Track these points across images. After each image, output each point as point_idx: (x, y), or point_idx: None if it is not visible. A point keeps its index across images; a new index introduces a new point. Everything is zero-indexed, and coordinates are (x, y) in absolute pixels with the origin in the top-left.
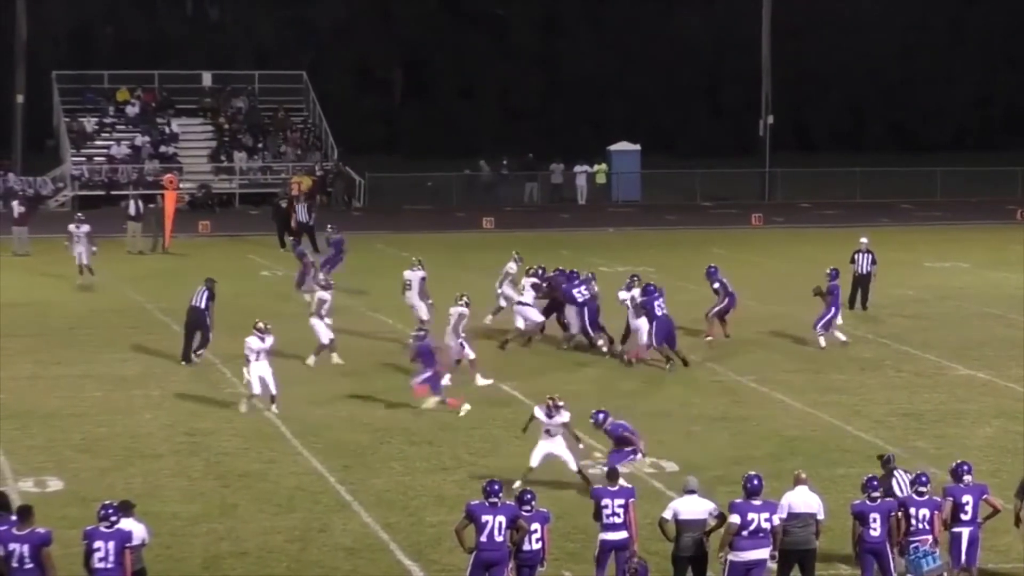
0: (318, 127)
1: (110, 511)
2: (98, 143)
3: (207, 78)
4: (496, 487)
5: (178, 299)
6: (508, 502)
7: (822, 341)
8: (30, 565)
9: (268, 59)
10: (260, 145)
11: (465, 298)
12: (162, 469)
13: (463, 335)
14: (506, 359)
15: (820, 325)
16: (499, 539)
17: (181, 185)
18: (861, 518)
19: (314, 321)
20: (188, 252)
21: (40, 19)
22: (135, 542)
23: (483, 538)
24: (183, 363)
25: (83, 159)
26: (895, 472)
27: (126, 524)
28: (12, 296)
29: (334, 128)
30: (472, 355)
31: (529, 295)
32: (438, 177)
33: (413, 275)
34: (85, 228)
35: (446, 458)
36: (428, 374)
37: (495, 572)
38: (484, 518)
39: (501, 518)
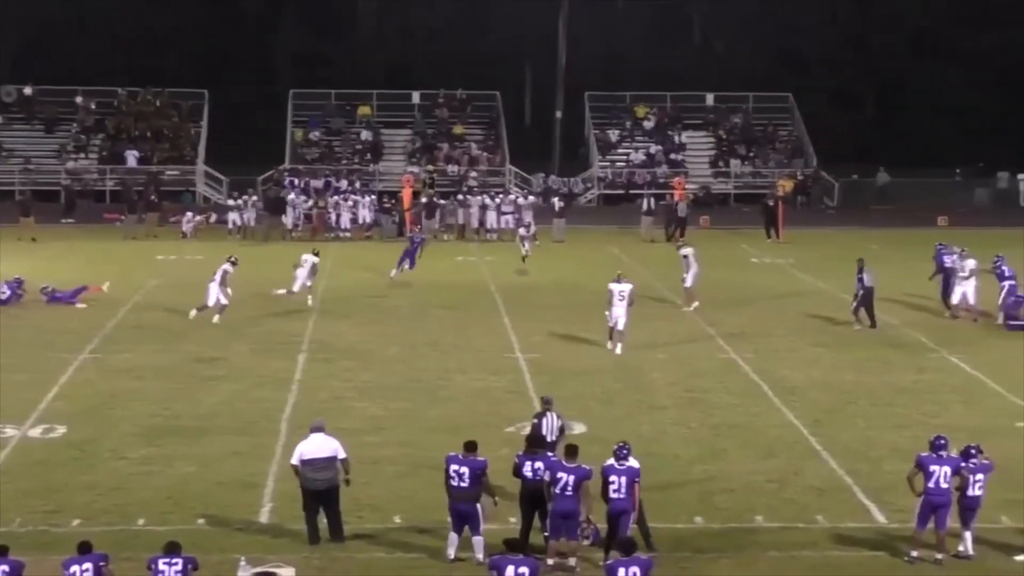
0: (800, 139)
1: (623, 451)
2: (620, 151)
3: (710, 99)
4: (942, 441)
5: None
6: (953, 455)
7: None
8: (570, 493)
9: (760, 82)
10: (752, 154)
11: (618, 274)
12: (666, 419)
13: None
14: (948, 331)
15: None
16: (944, 486)
17: (686, 186)
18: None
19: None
20: (693, 242)
21: (576, 50)
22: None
23: (931, 484)
24: (868, 328)
25: (607, 164)
26: (547, 413)
27: (633, 462)
28: (549, 276)
29: (814, 140)
30: (621, 327)
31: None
32: (903, 182)
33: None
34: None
35: (902, 417)
36: None
37: (940, 513)
38: (932, 468)
39: (946, 468)
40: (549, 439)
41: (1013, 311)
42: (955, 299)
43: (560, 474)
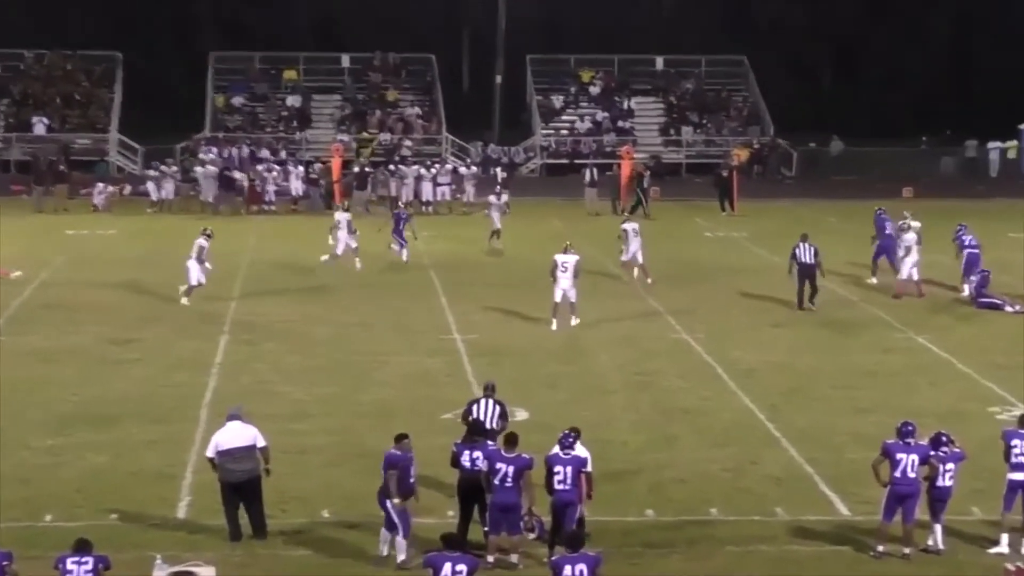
0: (756, 105)
1: (569, 439)
2: (564, 118)
3: (659, 62)
4: (910, 428)
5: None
6: (920, 443)
7: None
8: (510, 484)
9: (713, 45)
10: (704, 121)
11: (566, 244)
12: (614, 403)
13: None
14: (913, 309)
15: None
16: (912, 475)
17: (635, 155)
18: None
19: None
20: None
21: (517, 10)
22: (587, 468)
23: (897, 473)
24: (799, 309)
25: (551, 132)
26: (482, 400)
27: (579, 451)
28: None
29: (770, 107)
30: (573, 299)
31: None
32: (864, 151)
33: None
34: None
35: (865, 401)
36: None
37: (907, 505)
38: (899, 456)
39: (914, 456)
40: (488, 426)
41: (982, 287)
42: (902, 275)
43: (499, 464)
